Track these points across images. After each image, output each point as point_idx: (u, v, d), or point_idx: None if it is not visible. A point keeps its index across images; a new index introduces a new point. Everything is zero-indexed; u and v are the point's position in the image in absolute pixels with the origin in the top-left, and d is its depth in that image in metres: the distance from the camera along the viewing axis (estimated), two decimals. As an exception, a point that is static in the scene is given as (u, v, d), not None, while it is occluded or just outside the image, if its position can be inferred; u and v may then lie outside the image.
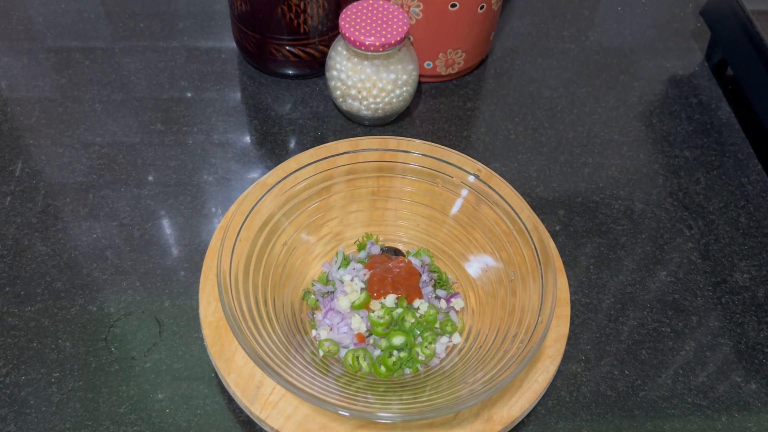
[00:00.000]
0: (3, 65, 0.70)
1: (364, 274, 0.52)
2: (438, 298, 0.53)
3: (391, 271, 0.52)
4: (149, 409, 0.48)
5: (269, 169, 0.59)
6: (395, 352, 0.49)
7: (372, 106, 0.63)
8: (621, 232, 0.60)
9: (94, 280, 0.55)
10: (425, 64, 0.68)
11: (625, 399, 0.51)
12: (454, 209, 0.54)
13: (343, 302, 0.50)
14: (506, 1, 0.80)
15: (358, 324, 0.50)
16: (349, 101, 0.63)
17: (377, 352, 0.49)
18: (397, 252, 0.55)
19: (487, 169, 0.52)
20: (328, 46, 0.66)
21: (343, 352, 0.49)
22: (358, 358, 0.48)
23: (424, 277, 0.53)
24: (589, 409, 0.50)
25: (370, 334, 0.50)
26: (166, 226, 0.59)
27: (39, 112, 0.66)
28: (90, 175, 0.62)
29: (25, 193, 0.60)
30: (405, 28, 0.59)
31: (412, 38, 0.66)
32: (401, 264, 0.52)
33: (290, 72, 0.69)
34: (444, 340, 0.50)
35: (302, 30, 0.65)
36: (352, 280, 0.52)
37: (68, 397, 0.49)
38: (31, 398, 0.48)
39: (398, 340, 0.49)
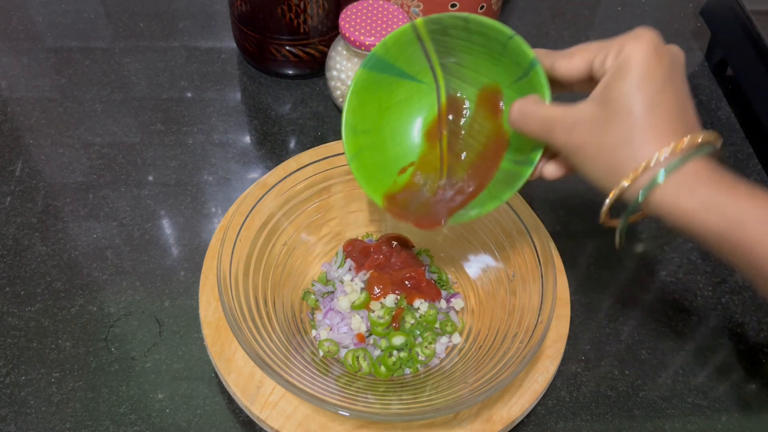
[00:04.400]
0: (3, 65, 0.70)
1: (365, 273, 0.52)
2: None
3: (391, 269, 0.52)
4: (149, 409, 0.48)
5: (269, 169, 0.59)
6: (395, 352, 0.49)
7: (372, 106, 0.63)
8: (621, 232, 0.60)
9: (94, 280, 0.55)
10: (425, 64, 0.68)
11: (625, 399, 0.51)
12: (454, 209, 0.54)
13: (343, 302, 0.50)
14: (506, 1, 0.80)
15: (358, 324, 0.50)
16: (349, 101, 0.63)
17: (377, 352, 0.49)
18: (404, 243, 0.55)
19: (487, 169, 0.52)
20: (328, 46, 0.66)
21: (343, 352, 0.49)
22: (358, 358, 0.48)
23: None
24: (589, 409, 0.50)
25: (370, 334, 0.50)
26: (166, 226, 0.59)
27: (39, 112, 0.66)
28: (90, 175, 0.62)
29: (25, 193, 0.60)
30: (405, 28, 0.59)
31: (412, 38, 0.66)
32: (401, 254, 0.52)
33: (290, 72, 0.69)
34: (444, 340, 0.50)
35: (302, 30, 0.65)
36: (352, 280, 0.52)
37: (68, 397, 0.49)
38: (31, 398, 0.48)
39: (398, 340, 0.49)
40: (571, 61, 0.38)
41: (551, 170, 0.41)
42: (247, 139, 0.66)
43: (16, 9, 0.76)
